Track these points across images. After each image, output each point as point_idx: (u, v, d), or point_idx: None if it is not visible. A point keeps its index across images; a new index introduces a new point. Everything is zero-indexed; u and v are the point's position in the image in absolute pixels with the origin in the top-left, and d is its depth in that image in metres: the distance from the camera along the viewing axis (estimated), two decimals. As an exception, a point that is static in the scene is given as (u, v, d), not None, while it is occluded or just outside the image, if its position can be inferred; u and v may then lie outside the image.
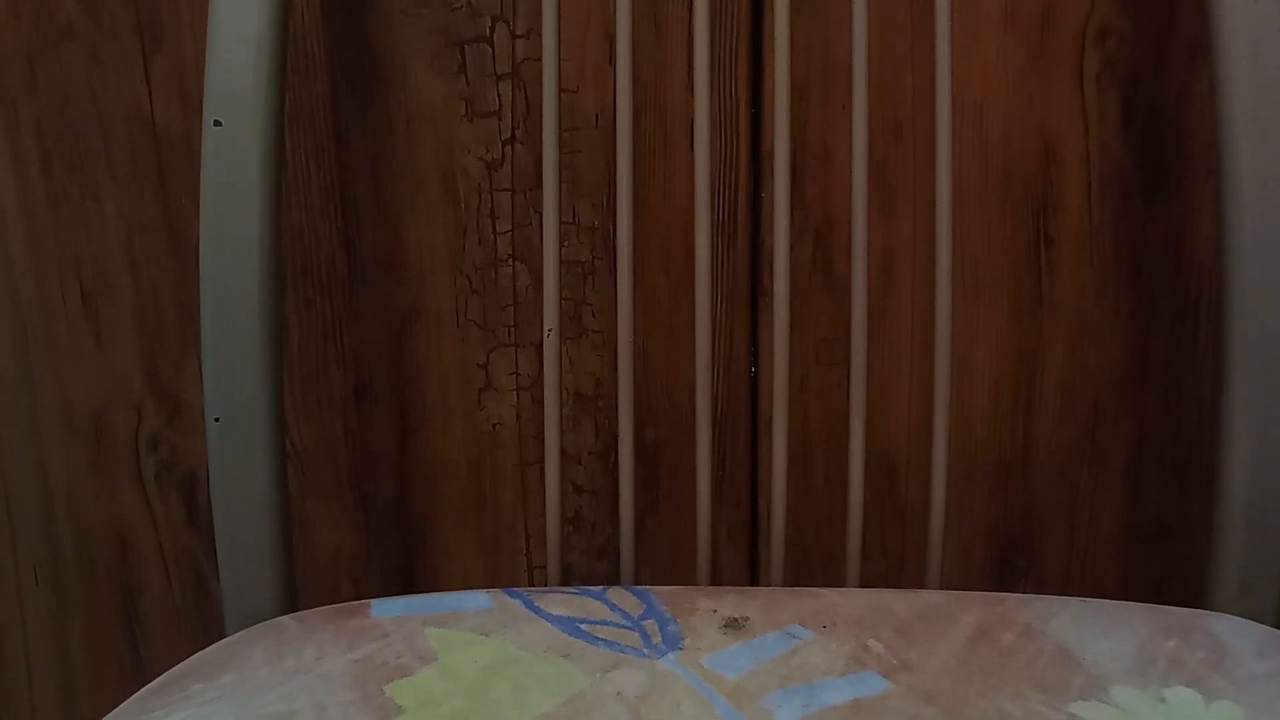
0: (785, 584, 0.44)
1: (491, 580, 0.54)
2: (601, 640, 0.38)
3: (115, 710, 0.36)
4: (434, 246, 0.50)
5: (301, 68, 0.48)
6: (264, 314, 0.41)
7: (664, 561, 0.53)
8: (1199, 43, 0.47)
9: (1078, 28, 0.47)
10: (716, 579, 0.52)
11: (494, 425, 0.52)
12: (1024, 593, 0.44)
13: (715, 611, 0.39)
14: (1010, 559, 0.52)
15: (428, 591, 0.43)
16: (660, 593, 0.41)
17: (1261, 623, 0.40)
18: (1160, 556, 0.52)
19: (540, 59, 0.43)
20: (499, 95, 0.48)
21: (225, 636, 0.41)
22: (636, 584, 0.43)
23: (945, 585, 0.44)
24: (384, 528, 0.53)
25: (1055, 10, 0.47)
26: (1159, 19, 0.47)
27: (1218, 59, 0.39)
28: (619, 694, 0.35)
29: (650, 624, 0.39)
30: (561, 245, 0.48)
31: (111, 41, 0.48)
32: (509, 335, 0.51)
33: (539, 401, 0.51)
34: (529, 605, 0.40)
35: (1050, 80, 0.47)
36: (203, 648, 0.39)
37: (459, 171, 0.49)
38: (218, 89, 0.40)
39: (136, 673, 0.55)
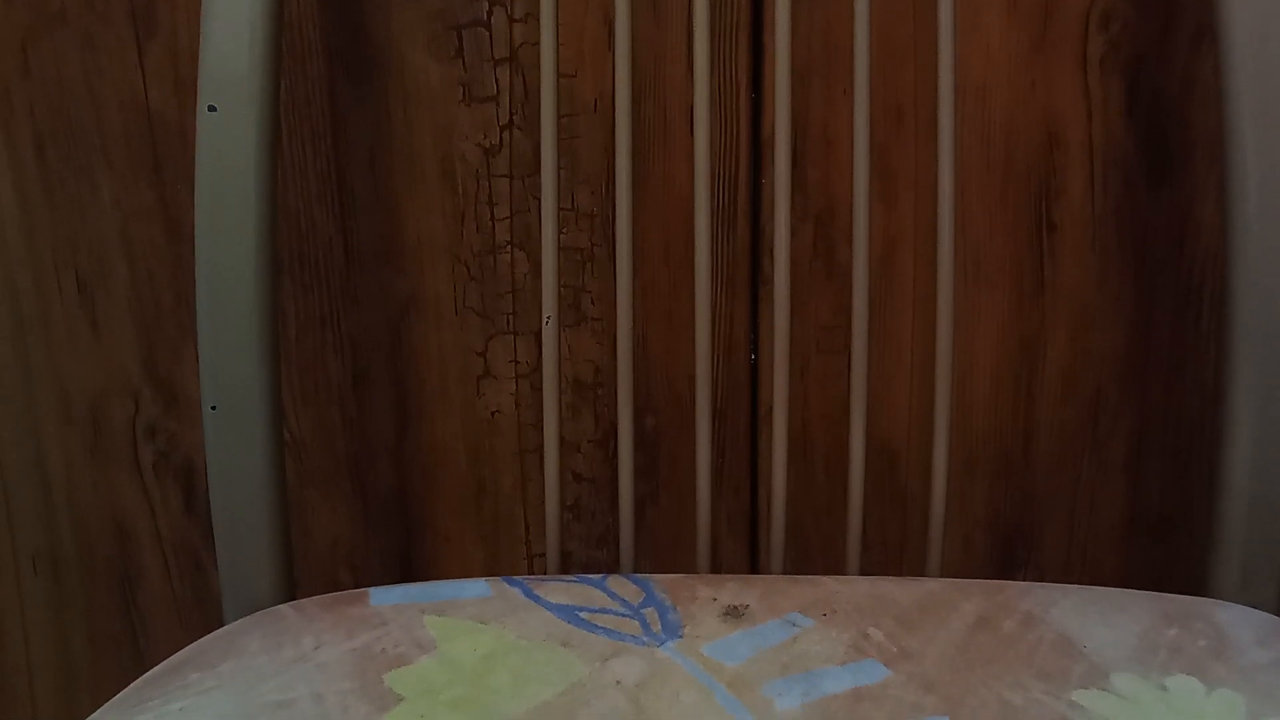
0: (785, 572, 0.44)
1: (490, 568, 0.54)
2: (601, 628, 0.38)
3: (114, 699, 0.36)
4: (432, 233, 0.50)
5: (297, 52, 0.48)
6: (260, 301, 0.41)
7: (664, 549, 0.53)
8: (1203, 27, 0.46)
9: (1081, 12, 0.46)
10: (716, 567, 0.52)
11: (493, 413, 0.52)
12: (1024, 581, 0.44)
13: (715, 600, 0.39)
14: (1011, 547, 0.52)
15: (427, 580, 0.43)
16: (660, 581, 0.40)
17: (1263, 611, 0.40)
18: (1161, 545, 0.52)
19: (538, 43, 0.42)
20: (497, 80, 0.48)
21: (224, 625, 0.41)
22: (636, 572, 0.43)
23: (946, 573, 0.44)
24: (383, 516, 0.53)
25: (1059, -6, 0.46)
26: (1163, 3, 0.46)
27: (1223, 43, 0.39)
28: (618, 682, 0.35)
29: (650, 612, 0.39)
30: (560, 232, 0.48)
31: (105, 26, 0.48)
32: (508, 323, 0.51)
33: (538, 389, 0.51)
34: (528, 593, 0.40)
35: (1053, 65, 0.47)
36: (201, 636, 0.39)
37: (457, 157, 0.49)
38: (212, 74, 0.40)
39: (135, 661, 0.55)
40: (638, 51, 0.47)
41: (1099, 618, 0.38)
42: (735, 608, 0.39)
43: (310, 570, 0.54)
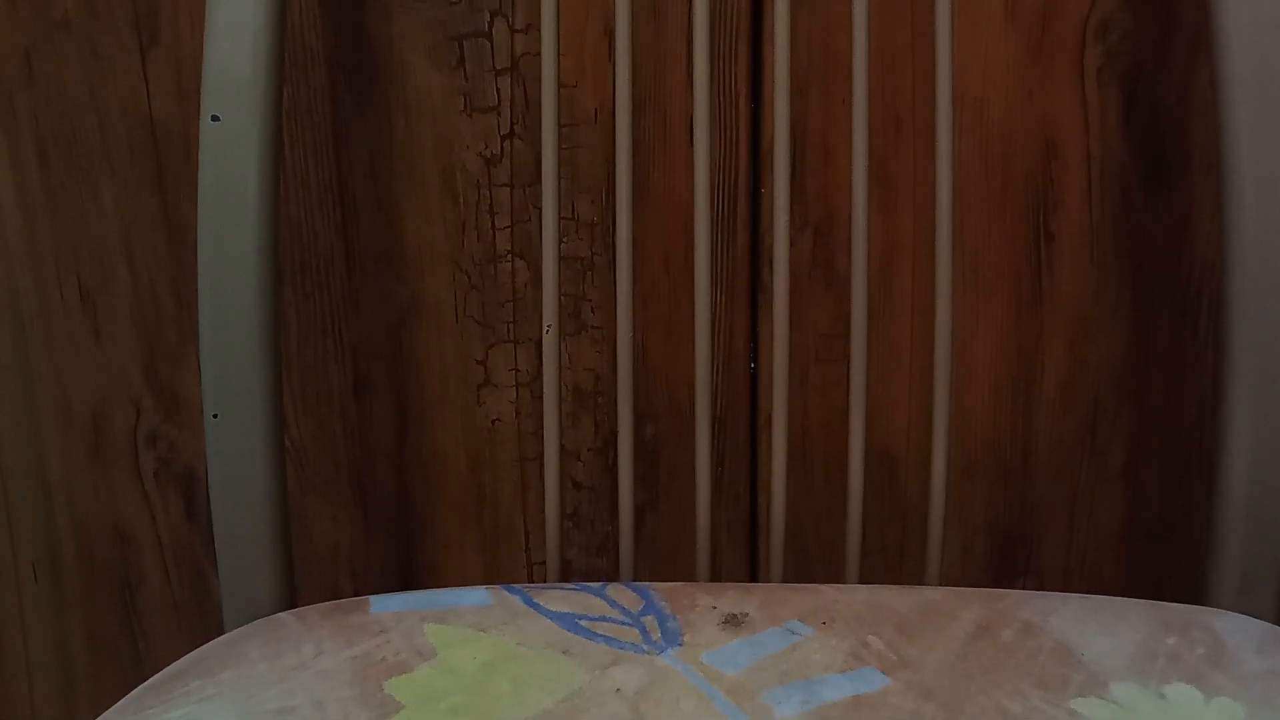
0: (785, 580, 0.44)
1: (490, 576, 0.54)
2: (601, 636, 0.38)
3: (114, 707, 0.36)
4: (433, 242, 0.50)
5: (300, 62, 0.48)
6: (262, 309, 0.41)
7: (663, 558, 0.53)
8: (1201, 37, 0.46)
9: (1079, 22, 0.47)
10: (716, 575, 0.52)
11: (493, 421, 0.52)
12: (1023, 589, 0.44)
13: (715, 608, 0.39)
14: (1010, 555, 0.52)
15: (427, 588, 0.43)
16: (659, 589, 0.41)
17: (1262, 619, 0.40)
18: (1160, 553, 0.52)
19: (539, 54, 0.43)
20: (498, 90, 0.48)
21: (224, 633, 0.41)
22: (636, 580, 0.43)
23: (945, 581, 0.44)
24: (383, 523, 0.53)
25: (1056, 4, 0.46)
26: (1161, 13, 0.47)
27: (1220, 53, 0.39)
28: (618, 690, 0.35)
29: (650, 620, 0.39)
30: (561, 241, 0.48)
31: (109, 35, 0.48)
32: (508, 331, 0.51)
33: (538, 398, 0.51)
34: (528, 601, 0.40)
35: (1051, 75, 0.47)
36: (201, 644, 0.39)
37: (458, 167, 0.49)
38: (216, 83, 0.40)
39: (135, 669, 0.55)
40: (638, 62, 0.47)
41: (1098, 626, 0.38)
42: (735, 616, 0.39)
43: (311, 578, 0.54)
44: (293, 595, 0.43)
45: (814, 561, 0.53)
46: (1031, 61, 0.47)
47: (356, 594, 0.53)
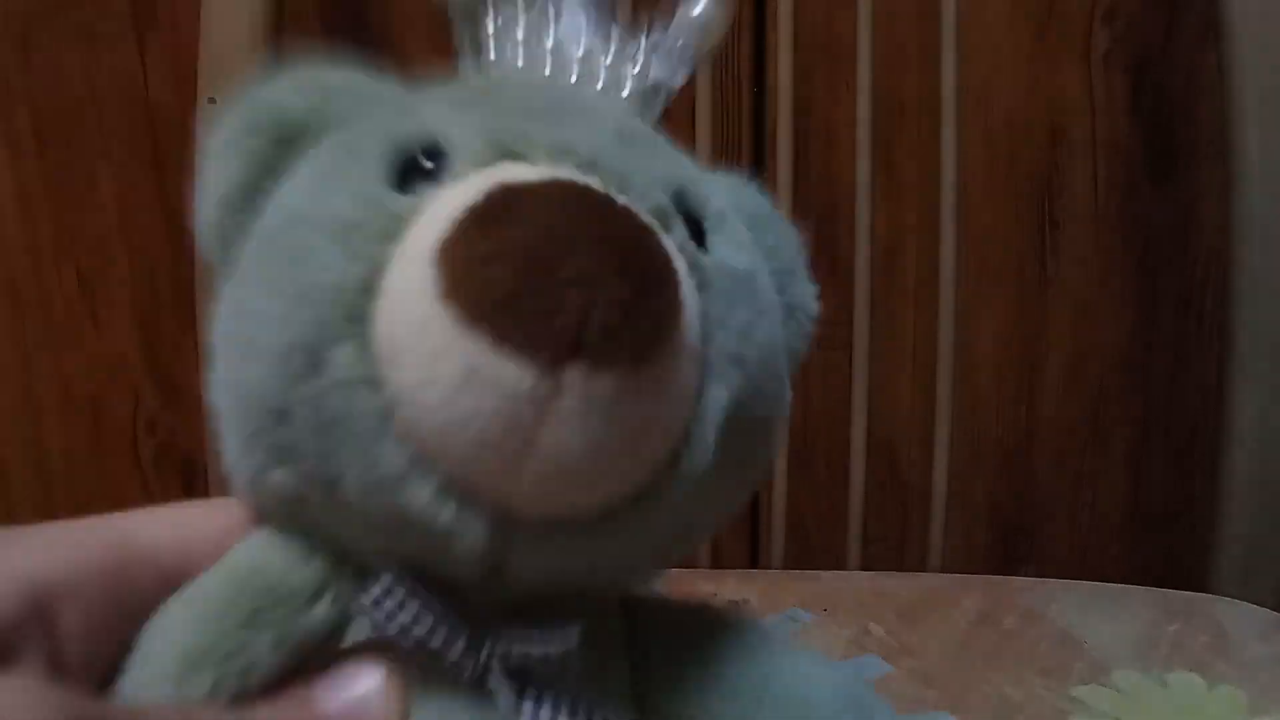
0: (786, 567, 0.44)
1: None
2: (602, 623, 0.37)
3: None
4: (433, 227, 0.50)
5: (298, 43, 0.48)
6: (262, 295, 0.41)
7: (664, 544, 0.52)
8: (1208, 23, 0.46)
9: (1086, 7, 0.46)
10: (717, 562, 0.52)
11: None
12: (1025, 576, 0.44)
13: (715, 594, 0.39)
14: (1012, 542, 0.52)
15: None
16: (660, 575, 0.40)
17: (1264, 607, 0.40)
18: (1163, 540, 0.52)
19: (540, 37, 0.42)
20: (499, 74, 0.48)
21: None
22: (637, 567, 0.43)
23: (947, 568, 0.44)
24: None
25: (1062, -11, 0.46)
26: (1167, -2, 0.46)
27: (1228, 40, 0.39)
28: (620, 677, 0.35)
29: (651, 607, 0.38)
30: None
31: (105, 18, 0.47)
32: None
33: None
34: (529, 588, 0.40)
35: (1058, 61, 0.47)
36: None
37: (458, 151, 0.49)
38: (212, 66, 0.40)
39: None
40: (640, 45, 0.47)
41: (1100, 613, 0.38)
42: (736, 602, 0.39)
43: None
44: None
45: (815, 548, 0.52)
46: (1038, 47, 0.47)
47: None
